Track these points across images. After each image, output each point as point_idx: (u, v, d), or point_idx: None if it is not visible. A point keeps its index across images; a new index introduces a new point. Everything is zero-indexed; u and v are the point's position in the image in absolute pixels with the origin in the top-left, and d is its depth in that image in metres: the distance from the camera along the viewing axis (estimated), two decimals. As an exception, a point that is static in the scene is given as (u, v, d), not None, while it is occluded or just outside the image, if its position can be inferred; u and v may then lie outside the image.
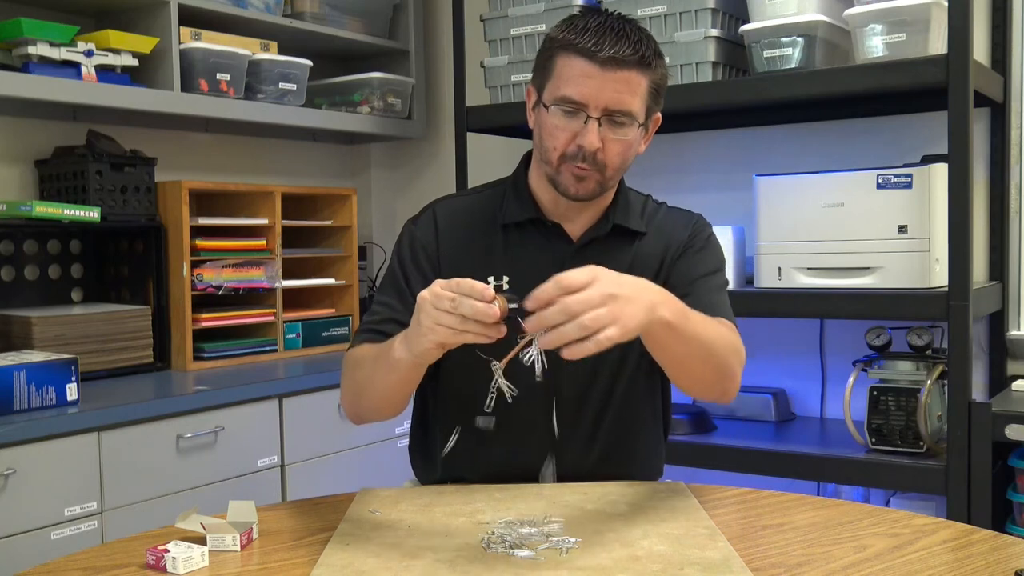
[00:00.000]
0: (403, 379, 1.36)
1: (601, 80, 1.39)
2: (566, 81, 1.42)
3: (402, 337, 1.30)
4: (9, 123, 2.51)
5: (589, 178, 1.45)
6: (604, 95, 1.40)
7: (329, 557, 1.17)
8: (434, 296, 1.20)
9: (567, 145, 1.43)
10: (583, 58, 1.40)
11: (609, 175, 1.46)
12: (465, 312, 1.17)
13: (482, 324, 1.17)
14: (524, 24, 2.68)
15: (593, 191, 1.46)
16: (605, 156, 1.43)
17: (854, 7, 2.26)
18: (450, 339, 1.21)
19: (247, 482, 2.33)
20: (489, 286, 1.17)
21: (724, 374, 1.42)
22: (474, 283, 1.17)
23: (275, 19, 2.83)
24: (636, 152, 1.49)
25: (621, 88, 1.40)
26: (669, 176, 2.90)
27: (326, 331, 2.92)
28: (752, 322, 2.72)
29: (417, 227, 1.58)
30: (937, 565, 1.16)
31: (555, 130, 1.44)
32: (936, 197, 2.17)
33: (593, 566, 1.12)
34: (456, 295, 1.17)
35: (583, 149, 1.41)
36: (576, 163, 1.43)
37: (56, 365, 2.05)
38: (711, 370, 1.40)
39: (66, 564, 1.21)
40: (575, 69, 1.41)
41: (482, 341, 1.19)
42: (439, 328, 1.20)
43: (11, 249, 2.47)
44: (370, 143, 3.51)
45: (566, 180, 1.45)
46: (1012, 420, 2.05)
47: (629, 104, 1.41)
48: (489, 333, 1.18)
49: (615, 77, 1.39)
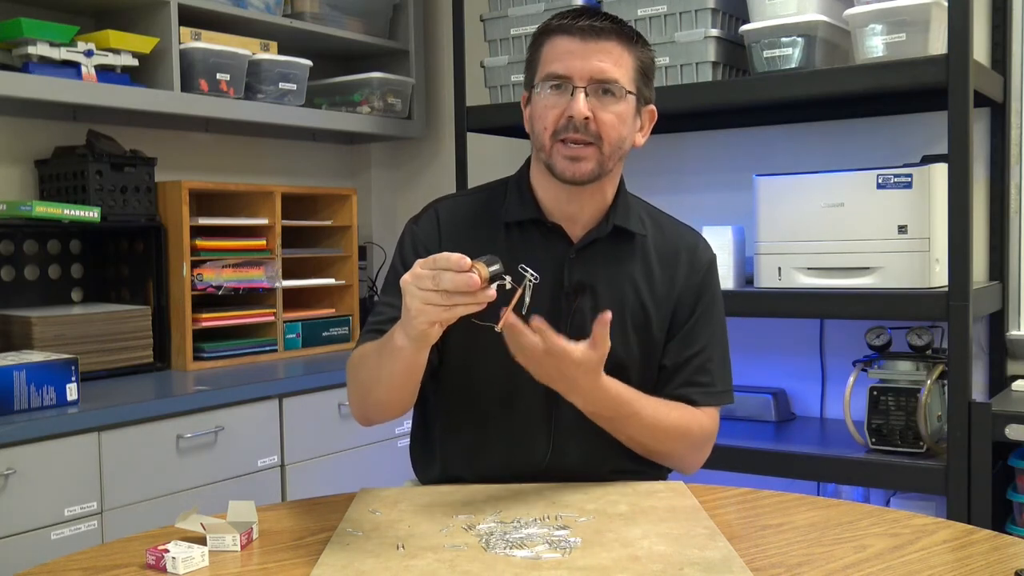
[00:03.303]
0: (407, 367, 1.35)
1: (583, 51, 1.43)
2: (551, 60, 1.46)
3: (400, 324, 1.30)
4: (9, 123, 2.51)
5: (587, 157, 1.44)
6: (588, 65, 1.43)
7: (329, 557, 1.17)
8: (415, 277, 1.21)
9: (557, 121, 1.44)
10: (563, 35, 1.45)
11: (606, 152, 1.45)
12: (447, 287, 1.18)
13: (468, 294, 1.18)
14: (524, 24, 2.68)
15: (592, 172, 1.46)
16: (598, 127, 1.44)
17: (854, 7, 2.26)
18: (441, 316, 1.21)
19: (247, 482, 2.33)
20: (464, 256, 1.18)
21: (669, 460, 1.55)
22: (449, 255, 1.18)
23: (275, 19, 2.83)
24: (633, 139, 1.50)
25: (604, 58, 1.43)
26: (669, 176, 2.90)
27: (326, 331, 2.92)
28: (752, 322, 2.72)
29: (419, 226, 1.58)
30: (937, 565, 1.16)
31: (544, 110, 1.46)
32: (936, 197, 2.17)
33: (593, 566, 1.12)
34: (434, 271, 1.18)
35: (573, 120, 1.43)
36: (568, 134, 1.44)
37: (56, 365, 2.05)
38: (653, 455, 1.53)
39: (66, 564, 1.21)
40: (558, 47, 1.45)
41: (473, 311, 1.20)
42: (428, 308, 1.20)
43: (11, 249, 2.47)
44: (370, 143, 3.51)
45: (560, 163, 1.45)
46: (1012, 420, 2.05)
47: (613, 73, 1.43)
48: (477, 300, 1.19)
49: (597, 48, 1.43)
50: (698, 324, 1.56)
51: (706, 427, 1.54)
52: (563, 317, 1.50)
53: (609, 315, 1.31)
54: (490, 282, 1.19)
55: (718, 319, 1.60)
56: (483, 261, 1.20)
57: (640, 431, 1.47)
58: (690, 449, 1.53)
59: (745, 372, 2.77)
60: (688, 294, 1.57)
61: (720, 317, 1.60)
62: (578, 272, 1.52)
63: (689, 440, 1.52)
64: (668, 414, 1.48)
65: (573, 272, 1.52)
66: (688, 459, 1.54)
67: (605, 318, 1.31)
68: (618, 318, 1.52)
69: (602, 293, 1.52)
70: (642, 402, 1.46)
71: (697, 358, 1.55)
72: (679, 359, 1.55)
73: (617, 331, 1.52)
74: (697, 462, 1.56)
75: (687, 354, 1.55)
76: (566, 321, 1.50)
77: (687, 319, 1.56)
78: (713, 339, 1.57)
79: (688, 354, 1.55)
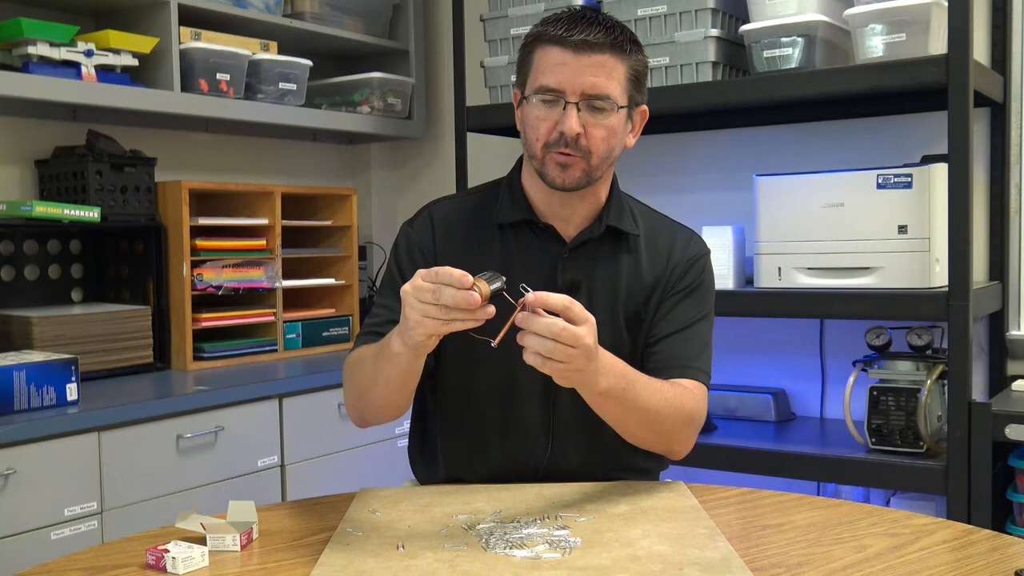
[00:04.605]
0: (404, 372, 1.36)
1: (576, 65, 1.41)
2: (542, 71, 1.44)
3: (398, 330, 1.30)
4: (9, 123, 2.51)
5: (574, 166, 1.45)
6: (580, 80, 1.41)
7: (329, 557, 1.17)
8: (416, 289, 1.21)
9: (549, 134, 1.44)
10: (556, 46, 1.43)
11: (595, 163, 1.46)
12: (447, 302, 1.18)
13: (467, 311, 1.18)
14: (524, 24, 2.68)
15: (579, 180, 1.46)
16: (588, 141, 1.43)
17: (854, 7, 2.26)
18: (439, 329, 1.22)
19: (247, 482, 2.33)
20: (467, 274, 1.17)
21: (668, 439, 1.49)
22: (452, 271, 1.18)
23: (275, 19, 2.83)
24: (624, 143, 1.50)
25: (596, 72, 1.42)
26: (669, 176, 2.90)
27: (326, 331, 2.92)
28: (752, 322, 2.73)
29: (413, 229, 1.58)
30: (937, 565, 1.16)
31: (536, 121, 1.45)
32: (936, 197, 2.17)
33: (593, 566, 1.12)
34: (436, 285, 1.18)
35: (564, 135, 1.42)
36: (559, 148, 1.43)
37: (56, 365, 2.05)
38: (653, 435, 1.47)
39: (66, 564, 1.21)
40: (550, 58, 1.43)
41: (471, 326, 1.20)
42: (426, 320, 1.21)
43: (11, 249, 2.47)
44: (370, 143, 3.51)
45: (551, 170, 1.46)
46: (1012, 420, 2.05)
47: (606, 88, 1.42)
48: (476, 317, 1.19)
49: (589, 61, 1.41)
50: (685, 303, 1.55)
51: (698, 399, 1.50)
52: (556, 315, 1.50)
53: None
54: (491, 299, 1.19)
55: (705, 307, 1.58)
56: (485, 279, 1.19)
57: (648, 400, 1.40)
58: (685, 424, 1.48)
59: (745, 372, 2.77)
60: (676, 276, 1.56)
61: (708, 308, 1.58)
62: (571, 271, 1.52)
63: (685, 413, 1.47)
64: (662, 385, 1.45)
65: (566, 271, 1.52)
66: (683, 434, 1.49)
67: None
68: (611, 315, 1.52)
69: (595, 291, 1.52)
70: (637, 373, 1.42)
71: (682, 333, 1.54)
72: (664, 333, 1.53)
73: (610, 328, 1.52)
74: (690, 440, 1.51)
75: (671, 329, 1.54)
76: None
77: (673, 297, 1.55)
78: (700, 323, 1.56)
79: (672, 330, 1.54)
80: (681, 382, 1.49)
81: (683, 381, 1.50)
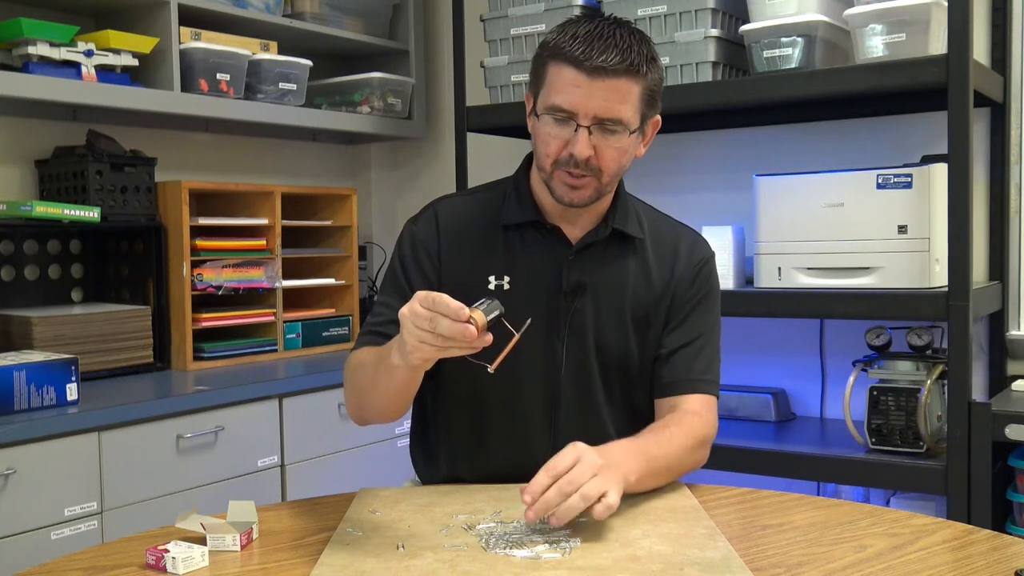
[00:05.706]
0: (402, 384, 1.36)
1: (589, 89, 1.39)
2: (556, 90, 1.41)
3: (396, 346, 1.29)
4: (9, 123, 2.51)
5: (585, 186, 1.44)
6: (593, 104, 1.39)
7: (329, 557, 1.17)
8: (413, 314, 1.20)
9: (559, 152, 1.43)
10: (571, 67, 1.39)
11: (606, 181, 1.46)
12: (443, 332, 1.17)
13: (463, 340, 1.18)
14: (524, 24, 2.68)
15: (589, 198, 1.47)
16: (600, 162, 1.43)
17: (854, 7, 2.26)
18: (436, 355, 1.22)
19: (247, 482, 2.33)
20: (463, 306, 1.16)
21: (687, 470, 1.50)
22: (449, 302, 1.16)
23: (275, 19, 2.83)
24: (634, 156, 1.50)
25: (610, 97, 1.39)
26: (669, 176, 2.90)
27: (326, 331, 2.92)
28: (752, 322, 2.72)
29: (418, 226, 1.58)
30: (937, 565, 1.16)
31: (547, 137, 1.44)
32: (936, 197, 2.17)
33: (593, 566, 1.12)
34: (432, 314, 1.17)
35: (574, 157, 1.41)
36: (569, 168, 1.43)
37: (56, 365, 2.05)
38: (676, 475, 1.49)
39: (66, 564, 1.21)
40: (564, 78, 1.40)
41: (467, 353, 1.20)
42: (423, 346, 1.20)
43: (11, 249, 2.47)
44: (370, 143, 3.51)
45: (560, 188, 1.46)
46: (1012, 420, 2.05)
47: (619, 112, 1.40)
48: (474, 345, 1.19)
49: (604, 86, 1.39)
50: (695, 314, 1.56)
51: (705, 419, 1.51)
52: (562, 317, 1.50)
53: None
54: (488, 328, 1.19)
55: (714, 315, 1.59)
56: (482, 309, 1.19)
57: (665, 460, 1.42)
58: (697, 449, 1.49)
59: (745, 372, 2.77)
60: (684, 284, 1.56)
61: (716, 315, 1.60)
62: (576, 273, 1.52)
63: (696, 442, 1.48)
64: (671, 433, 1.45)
65: (571, 273, 1.52)
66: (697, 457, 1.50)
67: None
68: (618, 317, 1.53)
69: (600, 293, 1.52)
70: (644, 440, 1.42)
71: (691, 346, 1.55)
72: (674, 346, 1.54)
73: (617, 330, 1.52)
74: (705, 458, 1.53)
75: (683, 342, 1.54)
76: (565, 321, 1.50)
77: (683, 308, 1.56)
78: (709, 332, 1.57)
79: (684, 342, 1.55)
80: (687, 406, 1.51)
81: (690, 400, 1.51)
